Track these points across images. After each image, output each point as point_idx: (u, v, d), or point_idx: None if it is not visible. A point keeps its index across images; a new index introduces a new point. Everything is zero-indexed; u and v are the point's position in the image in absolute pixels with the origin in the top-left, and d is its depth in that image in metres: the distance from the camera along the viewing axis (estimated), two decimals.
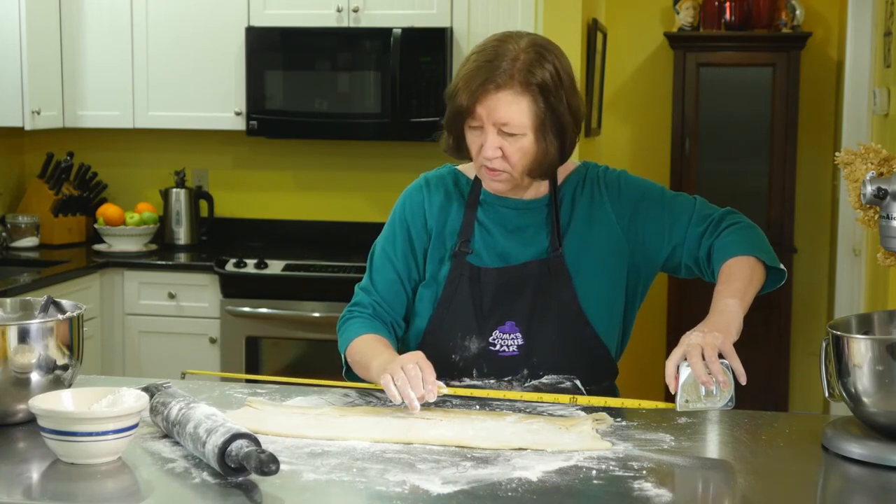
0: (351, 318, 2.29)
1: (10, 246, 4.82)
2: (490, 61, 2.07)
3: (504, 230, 2.21)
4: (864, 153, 1.90)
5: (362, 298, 2.31)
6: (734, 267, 2.07)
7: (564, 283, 2.18)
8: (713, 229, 2.16)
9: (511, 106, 2.07)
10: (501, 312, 2.18)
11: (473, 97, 2.07)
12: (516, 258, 2.20)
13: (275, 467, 1.59)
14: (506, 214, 2.22)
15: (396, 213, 2.31)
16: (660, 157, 5.84)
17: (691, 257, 2.18)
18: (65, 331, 1.92)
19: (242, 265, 4.44)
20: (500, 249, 2.21)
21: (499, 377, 2.18)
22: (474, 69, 2.08)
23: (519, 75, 2.06)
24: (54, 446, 1.72)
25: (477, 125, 2.10)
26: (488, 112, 2.07)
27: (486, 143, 2.09)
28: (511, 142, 2.09)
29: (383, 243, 2.32)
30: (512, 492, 1.63)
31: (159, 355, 4.55)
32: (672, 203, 2.21)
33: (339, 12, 4.60)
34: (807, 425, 2.01)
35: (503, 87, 2.06)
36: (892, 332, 1.91)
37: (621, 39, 5.85)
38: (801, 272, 5.84)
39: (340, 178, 5.03)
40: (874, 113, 4.47)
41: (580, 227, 2.20)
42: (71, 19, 4.79)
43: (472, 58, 2.12)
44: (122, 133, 5.02)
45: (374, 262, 2.33)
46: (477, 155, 2.13)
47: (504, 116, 2.07)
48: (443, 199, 2.26)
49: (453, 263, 2.21)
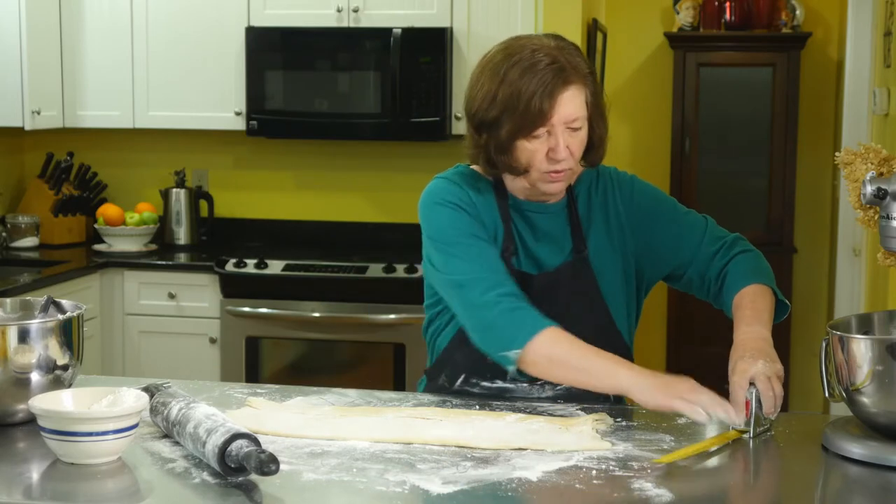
0: (519, 308, 2.03)
1: (10, 246, 4.81)
2: (550, 63, 2.03)
3: (533, 235, 2.20)
4: (864, 153, 1.90)
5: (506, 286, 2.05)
6: (758, 296, 2.10)
7: (591, 284, 2.19)
8: (726, 251, 2.19)
9: (576, 101, 2.06)
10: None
11: (552, 100, 2.03)
12: (549, 264, 2.19)
13: (275, 467, 1.59)
14: (534, 219, 2.20)
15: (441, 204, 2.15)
16: (660, 157, 5.84)
17: (699, 274, 2.20)
18: (65, 331, 1.92)
19: (242, 265, 4.44)
20: (534, 255, 2.19)
21: (531, 380, 2.15)
22: (535, 75, 2.03)
23: (576, 70, 2.06)
24: (54, 446, 1.72)
25: (542, 132, 2.06)
26: (560, 112, 2.04)
27: (559, 146, 2.05)
28: (574, 137, 2.08)
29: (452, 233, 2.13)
30: (512, 492, 1.63)
31: (159, 355, 4.55)
32: (684, 219, 2.24)
33: (339, 12, 4.60)
34: (807, 425, 2.01)
35: (570, 82, 2.05)
36: (892, 332, 1.91)
37: (621, 39, 5.85)
38: (801, 272, 5.84)
39: (340, 178, 5.03)
40: (874, 113, 4.47)
41: (599, 226, 2.22)
42: (71, 19, 4.79)
43: (508, 70, 2.05)
44: (122, 133, 5.02)
45: (457, 249, 2.10)
46: (539, 162, 2.08)
47: (574, 113, 2.06)
48: (478, 195, 2.19)
49: None
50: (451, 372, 2.21)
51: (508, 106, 2.04)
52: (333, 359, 4.46)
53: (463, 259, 2.10)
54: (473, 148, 2.14)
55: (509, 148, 2.07)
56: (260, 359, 4.46)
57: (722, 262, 2.18)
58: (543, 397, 2.16)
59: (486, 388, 2.18)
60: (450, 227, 2.14)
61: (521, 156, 2.08)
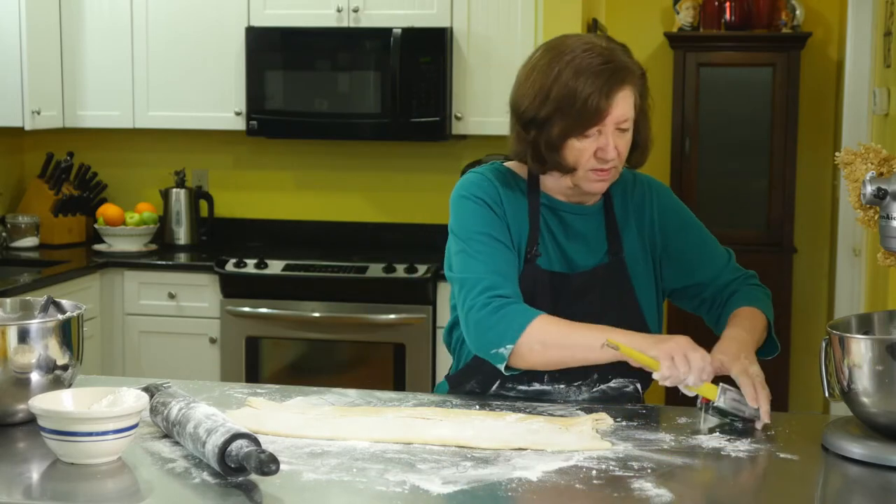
0: (508, 305, 2.05)
1: (10, 246, 4.81)
2: (604, 63, 2.04)
3: (566, 236, 2.20)
4: (864, 153, 1.90)
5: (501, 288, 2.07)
6: (756, 317, 2.17)
7: (626, 286, 2.20)
8: (742, 281, 2.26)
9: (628, 101, 2.07)
10: (570, 317, 2.11)
11: (609, 100, 2.04)
12: (582, 265, 2.19)
13: (275, 467, 1.59)
14: (568, 219, 2.20)
15: (469, 199, 2.16)
16: (660, 157, 5.84)
17: (712, 296, 2.26)
18: (65, 331, 1.92)
19: (242, 265, 4.44)
20: (566, 255, 2.19)
21: (569, 382, 2.16)
22: (591, 74, 2.03)
23: (629, 70, 2.07)
24: (54, 446, 1.71)
25: (594, 131, 2.06)
26: (614, 113, 2.05)
27: (609, 146, 2.06)
28: (623, 137, 2.09)
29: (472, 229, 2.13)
30: (512, 492, 1.63)
31: (159, 355, 4.55)
32: (712, 243, 2.30)
33: (339, 12, 4.60)
34: (807, 425, 2.01)
35: (626, 82, 2.06)
36: (892, 332, 1.91)
37: (621, 39, 5.81)
38: (801, 272, 5.84)
39: (340, 178, 5.03)
40: (874, 113, 4.47)
41: (633, 229, 2.23)
42: (71, 19, 4.79)
43: (562, 69, 2.04)
44: (122, 133, 5.02)
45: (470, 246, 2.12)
46: (587, 161, 2.08)
47: (625, 113, 2.07)
48: (510, 194, 2.18)
49: (525, 267, 2.16)
50: (484, 379, 2.19)
51: (563, 104, 2.04)
52: (333, 359, 4.46)
53: (472, 257, 2.11)
54: (519, 145, 2.14)
55: (560, 146, 2.08)
56: (260, 359, 4.46)
57: (733, 289, 2.25)
58: (581, 399, 2.17)
59: (522, 391, 2.17)
60: (470, 222, 2.14)
61: (570, 154, 2.08)
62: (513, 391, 2.17)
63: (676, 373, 1.92)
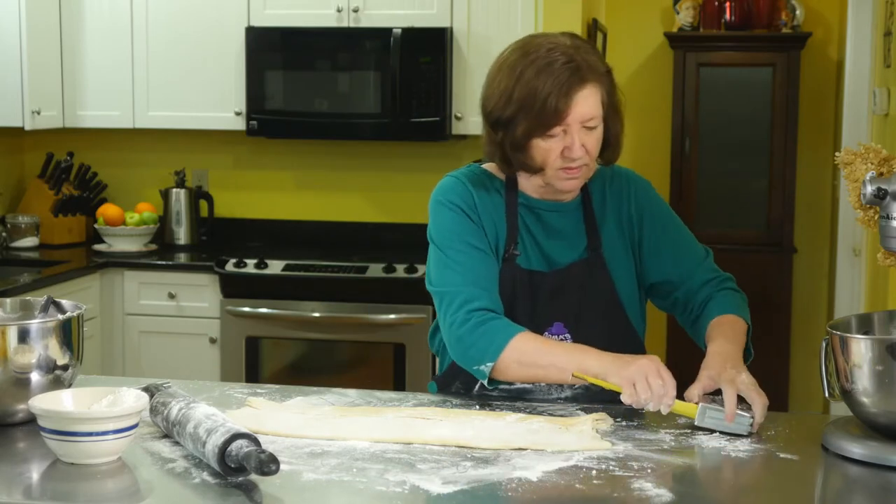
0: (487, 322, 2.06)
1: (10, 246, 4.81)
2: (567, 63, 2.04)
3: (545, 233, 2.21)
4: (864, 153, 1.90)
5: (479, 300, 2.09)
6: (737, 326, 2.14)
7: (606, 281, 2.20)
8: (717, 283, 2.24)
9: (592, 100, 2.07)
10: (550, 314, 2.17)
11: (567, 99, 2.04)
12: (561, 260, 2.19)
13: (275, 467, 1.59)
14: (546, 217, 2.21)
15: (445, 205, 2.17)
16: (660, 157, 5.84)
17: (685, 296, 2.24)
18: (65, 331, 1.92)
19: (242, 265, 4.44)
20: (545, 253, 2.20)
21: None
22: (551, 74, 2.03)
23: (592, 68, 2.07)
24: (54, 446, 1.71)
25: (558, 131, 2.07)
26: (576, 111, 2.05)
27: (574, 145, 2.07)
28: (590, 135, 2.09)
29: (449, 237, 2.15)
30: (512, 492, 1.63)
31: (159, 355, 4.55)
32: (689, 240, 2.28)
33: (339, 12, 4.60)
34: (807, 425, 2.01)
35: (587, 81, 2.06)
36: (892, 332, 1.91)
37: (621, 39, 5.85)
38: (801, 272, 5.84)
39: (340, 178, 5.03)
40: (874, 113, 4.47)
41: (613, 224, 2.23)
42: (71, 19, 4.79)
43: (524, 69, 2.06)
44: (122, 133, 5.02)
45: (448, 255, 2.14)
46: (554, 160, 2.09)
47: (589, 112, 2.07)
48: (485, 195, 2.20)
49: (504, 266, 2.17)
50: (467, 380, 2.21)
51: (524, 105, 2.05)
52: (333, 359, 4.46)
53: (450, 268, 2.13)
54: (489, 146, 2.16)
55: (525, 146, 2.09)
56: (260, 359, 4.46)
57: (709, 292, 2.22)
58: (562, 397, 2.18)
59: (505, 390, 2.18)
60: (447, 230, 2.16)
61: (537, 154, 2.09)
62: (496, 390, 2.19)
63: (638, 399, 1.93)
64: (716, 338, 2.10)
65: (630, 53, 5.96)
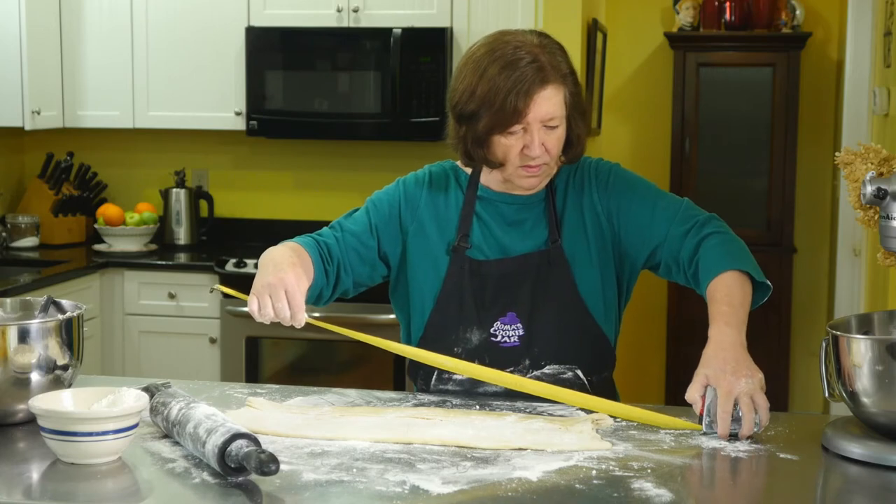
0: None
1: (10, 246, 4.82)
2: (530, 63, 2.05)
3: (503, 224, 2.22)
4: (864, 153, 1.90)
5: (325, 233, 2.33)
6: (733, 288, 2.02)
7: (564, 273, 2.18)
8: (697, 230, 2.13)
9: (553, 100, 2.08)
10: (502, 304, 2.18)
11: (527, 99, 2.05)
12: (516, 250, 2.20)
13: (275, 467, 1.59)
14: (504, 209, 2.22)
15: (368, 202, 2.36)
16: (660, 157, 5.84)
17: (671, 255, 2.15)
18: (65, 331, 1.92)
19: (242, 265, 4.44)
20: (500, 243, 2.21)
21: (501, 368, 2.15)
22: (514, 73, 2.05)
23: (555, 69, 2.08)
24: (54, 446, 1.72)
25: (518, 129, 2.08)
26: (536, 111, 2.06)
27: (534, 143, 2.08)
28: (551, 135, 2.10)
29: (345, 217, 2.37)
30: (512, 492, 1.63)
31: (159, 355, 4.55)
32: (658, 199, 2.20)
33: (339, 12, 4.60)
34: (807, 425, 2.01)
35: (549, 82, 2.07)
36: (892, 332, 1.91)
37: (621, 39, 5.85)
38: (801, 272, 5.84)
39: (340, 178, 5.03)
40: (874, 113, 4.47)
41: (573, 217, 2.21)
42: (71, 19, 4.79)
43: (488, 66, 2.07)
44: (122, 133, 5.02)
45: (355, 213, 2.36)
46: (514, 157, 2.11)
47: (550, 112, 2.07)
48: (440, 194, 2.27)
49: (453, 258, 2.21)
50: (425, 374, 2.27)
51: (486, 101, 2.07)
52: (333, 359, 4.46)
53: (346, 217, 2.35)
54: (454, 139, 2.21)
55: (486, 142, 2.12)
56: (260, 359, 4.46)
57: (693, 243, 2.12)
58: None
59: (459, 381, 2.20)
60: (350, 216, 2.36)
61: (497, 150, 2.12)
62: (450, 383, 2.21)
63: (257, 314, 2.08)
64: (715, 317, 2.00)
65: (630, 53, 5.96)
